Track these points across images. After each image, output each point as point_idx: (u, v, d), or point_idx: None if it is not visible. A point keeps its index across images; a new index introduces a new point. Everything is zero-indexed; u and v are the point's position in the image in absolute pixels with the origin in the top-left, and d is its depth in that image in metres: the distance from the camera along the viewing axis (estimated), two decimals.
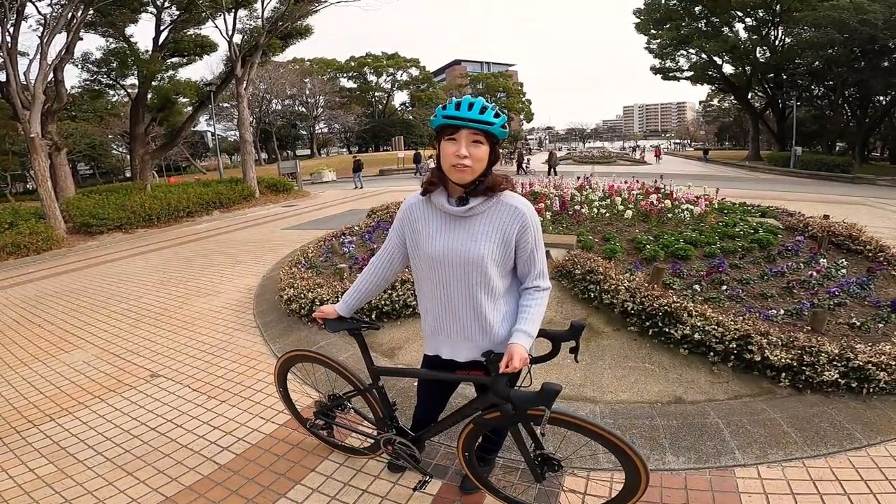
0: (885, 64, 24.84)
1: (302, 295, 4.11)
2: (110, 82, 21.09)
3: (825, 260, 4.29)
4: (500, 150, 1.54)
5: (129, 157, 22.83)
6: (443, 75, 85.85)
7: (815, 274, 3.96)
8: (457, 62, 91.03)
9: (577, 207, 5.65)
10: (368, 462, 2.36)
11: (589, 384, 2.84)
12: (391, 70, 58.32)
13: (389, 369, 2.06)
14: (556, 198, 6.01)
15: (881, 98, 27.30)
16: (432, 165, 1.62)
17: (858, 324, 3.16)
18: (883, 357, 2.61)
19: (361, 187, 20.47)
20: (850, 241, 4.75)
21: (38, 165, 10.75)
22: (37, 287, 6.80)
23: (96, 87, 21.89)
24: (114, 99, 28.10)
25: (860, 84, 25.92)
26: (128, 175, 25.88)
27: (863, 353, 2.63)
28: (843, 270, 4.14)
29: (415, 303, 3.81)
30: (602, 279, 3.44)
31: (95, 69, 19.66)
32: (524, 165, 25.64)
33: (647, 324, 3.11)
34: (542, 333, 1.62)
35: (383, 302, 3.80)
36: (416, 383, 2.21)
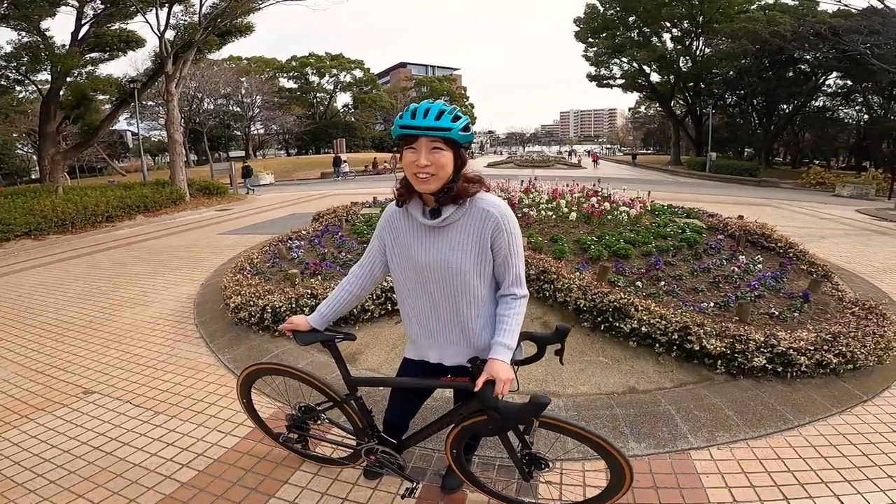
0: (790, 74, 27.80)
1: (251, 302, 3.93)
2: (19, 77, 18.93)
3: (744, 257, 4.73)
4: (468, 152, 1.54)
5: (36, 157, 20.64)
6: (387, 77, 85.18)
7: (736, 269, 4.37)
8: (402, 65, 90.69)
9: (526, 210, 5.84)
10: (343, 469, 2.30)
11: (551, 379, 2.96)
12: (335, 71, 57.04)
13: (368, 379, 2.01)
14: (505, 201, 6.17)
15: (784, 106, 30.51)
16: (346, 170, 1.60)
17: (777, 313, 3.52)
18: (802, 343, 2.93)
19: (255, 192, 20.22)
20: (764, 238, 5.27)
21: None
22: None
23: (2, 83, 19.57)
24: (20, 95, 25.22)
25: (767, 93, 28.84)
26: (34, 177, 23.39)
27: (784, 340, 2.94)
28: (760, 266, 4.58)
29: (372, 307, 3.77)
30: (555, 278, 3.60)
31: (3, 63, 17.55)
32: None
33: (599, 319, 3.29)
34: (528, 336, 1.65)
35: None
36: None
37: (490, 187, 1.63)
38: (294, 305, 3.71)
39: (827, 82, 28.38)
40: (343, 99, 62.56)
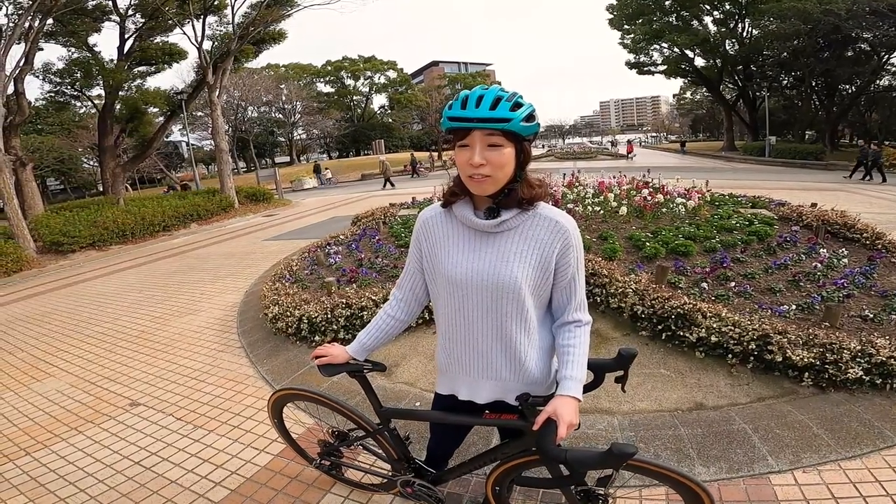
0: (849, 53, 25.53)
1: (288, 313, 3.86)
2: (75, 93, 20.26)
3: (825, 250, 4.22)
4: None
5: (99, 170, 22.06)
6: (421, 77, 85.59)
7: (818, 265, 3.89)
8: (434, 63, 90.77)
9: (571, 206, 5.51)
10: (376, 493, 2.15)
11: (603, 394, 2.68)
12: (368, 73, 57.74)
13: (402, 412, 1.81)
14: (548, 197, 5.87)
15: (847, 87, 28.03)
16: (329, 176, 1.35)
17: (871, 316, 3.07)
18: None
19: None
20: (846, 229, 4.71)
21: (3, 182, 10.22)
22: (5, 312, 6.41)
23: (60, 99, 21.03)
24: (81, 111, 27.05)
25: (826, 74, 26.57)
26: (100, 189, 25.04)
27: (884, 349, 2.53)
28: (845, 260, 4.07)
29: None
30: (608, 282, 3.30)
31: (58, 80, 18.81)
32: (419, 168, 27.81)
33: (660, 327, 2.97)
34: None
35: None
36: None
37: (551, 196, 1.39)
38: (329, 315, 3.60)
39: (891, 61, 25.81)
40: (379, 100, 63.27)
